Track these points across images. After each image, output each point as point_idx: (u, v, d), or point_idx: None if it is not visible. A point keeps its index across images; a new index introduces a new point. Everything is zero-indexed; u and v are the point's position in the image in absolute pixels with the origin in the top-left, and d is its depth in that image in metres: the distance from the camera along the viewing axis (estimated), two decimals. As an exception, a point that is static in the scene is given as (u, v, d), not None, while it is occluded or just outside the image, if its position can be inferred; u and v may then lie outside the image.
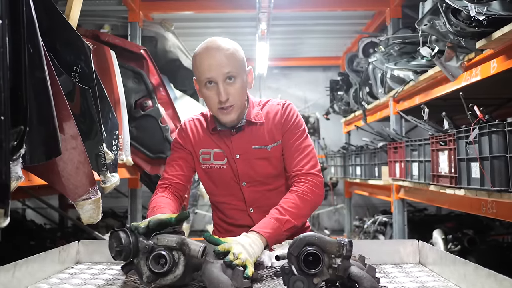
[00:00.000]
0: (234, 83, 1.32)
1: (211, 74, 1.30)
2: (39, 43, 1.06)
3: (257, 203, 1.42)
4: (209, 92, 1.32)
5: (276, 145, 1.40)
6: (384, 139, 3.43)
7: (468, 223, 3.38)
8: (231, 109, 1.33)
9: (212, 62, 1.30)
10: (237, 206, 1.44)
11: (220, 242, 1.11)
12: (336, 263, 0.98)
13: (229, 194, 1.44)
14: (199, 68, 1.33)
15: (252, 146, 1.40)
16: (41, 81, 1.05)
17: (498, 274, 0.88)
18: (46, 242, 3.53)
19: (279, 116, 1.41)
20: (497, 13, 1.52)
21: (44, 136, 1.08)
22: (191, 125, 1.47)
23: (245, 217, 1.44)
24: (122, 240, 1.00)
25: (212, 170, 1.42)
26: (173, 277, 1.00)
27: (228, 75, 1.30)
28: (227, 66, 1.30)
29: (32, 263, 1.08)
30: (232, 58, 1.31)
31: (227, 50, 1.32)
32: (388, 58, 2.94)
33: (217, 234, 1.51)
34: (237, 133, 1.40)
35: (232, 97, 1.31)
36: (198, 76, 1.34)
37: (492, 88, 2.68)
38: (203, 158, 1.43)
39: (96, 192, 1.30)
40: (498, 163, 1.68)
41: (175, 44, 3.69)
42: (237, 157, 1.40)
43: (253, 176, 1.41)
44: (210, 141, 1.43)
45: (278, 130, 1.40)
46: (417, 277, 1.15)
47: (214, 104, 1.33)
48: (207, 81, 1.31)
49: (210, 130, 1.43)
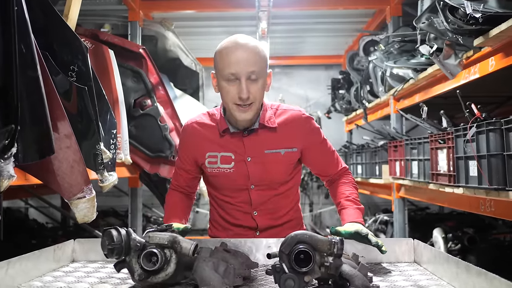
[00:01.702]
0: (256, 82, 1.31)
1: (236, 69, 1.28)
2: (31, 42, 1.07)
3: (262, 206, 1.43)
4: (230, 87, 1.31)
5: (291, 151, 1.40)
6: (385, 137, 3.42)
7: (470, 222, 3.36)
8: (249, 108, 1.32)
9: (239, 57, 1.29)
10: (242, 208, 1.43)
11: (348, 232, 1.23)
12: (327, 261, 0.98)
13: (234, 196, 1.43)
14: (224, 61, 1.30)
15: (265, 150, 1.39)
16: (34, 80, 1.06)
17: (488, 272, 0.88)
18: (47, 241, 3.54)
19: (300, 127, 1.41)
20: (494, 10, 1.51)
21: (37, 135, 1.08)
22: (195, 128, 1.44)
23: (248, 219, 1.44)
24: (114, 238, 1.00)
25: (219, 174, 1.40)
26: (165, 275, 1.01)
27: (252, 74, 1.30)
28: (253, 65, 1.29)
29: (26, 261, 1.08)
30: (258, 57, 1.31)
31: (255, 48, 1.31)
32: (388, 56, 2.93)
33: (213, 232, 1.51)
34: (249, 135, 1.39)
35: (252, 96, 1.31)
36: (220, 69, 1.32)
37: (492, 86, 2.67)
38: (209, 161, 1.41)
39: (90, 191, 1.31)
40: (495, 161, 1.67)
41: (175, 43, 3.70)
42: (249, 160, 1.39)
43: (263, 180, 1.40)
44: (217, 145, 1.40)
45: (297, 139, 1.40)
46: (410, 276, 1.15)
47: (232, 99, 1.31)
48: (230, 76, 1.30)
49: (221, 131, 1.40)
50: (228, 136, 1.40)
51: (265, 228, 1.43)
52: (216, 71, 1.36)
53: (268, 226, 1.43)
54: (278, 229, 1.43)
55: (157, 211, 5.10)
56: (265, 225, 1.43)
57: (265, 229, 1.43)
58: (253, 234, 1.43)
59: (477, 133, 1.78)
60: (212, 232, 1.52)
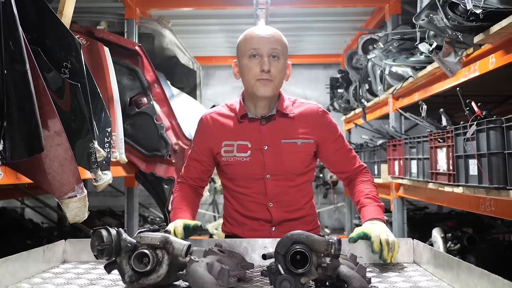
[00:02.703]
0: (278, 61, 1.36)
1: (259, 45, 1.35)
2: (19, 36, 1.03)
3: (277, 198, 1.42)
4: (251, 63, 1.36)
5: (307, 143, 1.42)
6: (383, 136, 3.39)
7: (469, 221, 3.34)
8: (270, 82, 1.36)
9: (261, 36, 1.37)
10: (257, 199, 1.43)
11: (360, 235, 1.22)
12: (325, 262, 0.95)
13: (250, 187, 1.42)
14: (247, 41, 1.38)
15: (282, 139, 1.40)
16: (22, 76, 1.02)
17: (491, 274, 0.85)
18: (43, 241, 3.51)
19: (317, 120, 1.44)
20: (495, 6, 1.48)
21: (26, 132, 1.05)
22: (213, 117, 1.46)
23: (263, 210, 1.43)
24: (104, 238, 0.97)
25: (234, 162, 1.41)
26: (157, 277, 0.97)
27: (274, 52, 1.36)
28: (275, 43, 1.36)
29: (13, 263, 1.05)
30: (280, 39, 1.39)
31: (277, 32, 1.40)
32: (387, 54, 2.90)
33: (228, 228, 1.50)
34: (267, 123, 1.41)
35: (273, 72, 1.35)
36: (243, 49, 1.38)
37: (492, 84, 2.64)
38: (226, 150, 1.42)
39: (82, 190, 1.27)
40: (496, 160, 1.64)
41: (173, 41, 3.66)
42: (265, 148, 1.40)
43: (278, 169, 1.40)
44: (234, 133, 1.42)
45: (313, 131, 1.43)
46: (410, 277, 1.12)
47: (254, 75, 1.36)
48: (252, 54, 1.36)
49: (239, 117, 1.42)
50: (245, 123, 1.42)
51: (280, 222, 1.43)
52: (238, 54, 1.41)
53: (283, 219, 1.43)
54: (293, 223, 1.43)
55: (154, 211, 5.07)
56: (280, 218, 1.43)
57: (280, 223, 1.43)
58: (269, 228, 1.43)
59: (477, 132, 1.76)
60: (226, 228, 1.51)
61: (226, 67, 6.15)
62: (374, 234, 1.21)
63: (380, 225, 1.28)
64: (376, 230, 1.23)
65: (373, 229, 1.24)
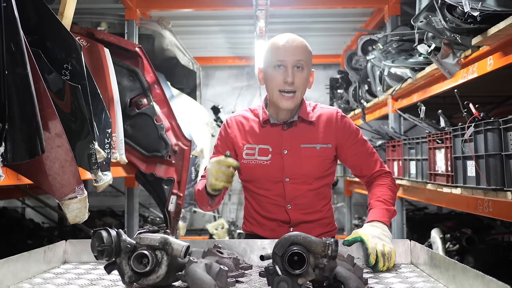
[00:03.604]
0: (301, 72, 1.40)
1: (284, 57, 1.39)
2: (20, 39, 1.05)
3: (296, 200, 1.45)
4: (276, 73, 1.40)
5: (326, 147, 1.45)
6: (383, 137, 3.40)
7: (468, 222, 3.34)
8: (292, 96, 1.39)
9: (287, 47, 1.40)
10: (276, 201, 1.46)
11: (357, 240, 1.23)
12: (322, 263, 0.97)
13: (269, 189, 1.46)
14: (272, 51, 1.42)
15: (301, 144, 1.44)
16: (23, 78, 1.04)
17: (485, 275, 0.86)
18: (43, 241, 3.52)
19: (335, 124, 1.47)
20: (492, 8, 1.49)
21: (27, 134, 1.06)
22: (237, 120, 1.51)
23: (282, 212, 1.46)
24: (104, 239, 0.98)
25: (255, 165, 1.45)
26: (156, 277, 0.99)
27: (298, 63, 1.40)
28: (300, 55, 1.40)
29: (15, 263, 1.06)
30: (305, 50, 1.42)
31: (302, 42, 1.44)
32: (386, 55, 2.91)
33: (248, 227, 1.53)
34: (288, 128, 1.45)
35: (297, 83, 1.39)
36: (269, 58, 1.42)
37: (491, 85, 2.65)
38: (247, 153, 1.46)
39: (82, 191, 1.29)
40: (493, 161, 1.65)
41: (173, 42, 3.68)
42: (285, 153, 1.43)
43: (297, 173, 1.43)
44: (257, 137, 1.47)
45: (332, 135, 1.46)
46: (407, 278, 1.13)
47: (277, 85, 1.40)
48: (277, 64, 1.40)
49: (262, 122, 1.47)
50: (267, 127, 1.47)
51: (297, 223, 1.45)
52: (264, 62, 1.45)
53: (301, 221, 1.46)
54: (310, 225, 1.45)
55: (154, 210, 5.08)
56: (298, 219, 1.46)
57: (297, 224, 1.45)
58: (287, 229, 1.45)
59: (475, 133, 1.77)
60: (247, 227, 1.54)
61: (226, 68, 6.16)
62: (370, 243, 1.20)
63: (380, 229, 1.27)
64: (373, 238, 1.22)
65: (370, 235, 1.23)
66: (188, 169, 2.78)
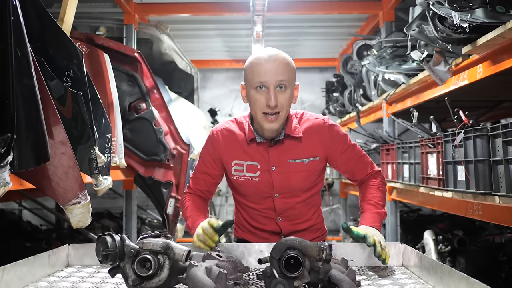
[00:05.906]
0: (284, 92, 1.34)
1: (265, 78, 1.33)
2: (27, 50, 1.09)
3: (286, 213, 1.47)
4: (258, 96, 1.34)
5: (314, 160, 1.43)
6: (377, 141, 3.46)
7: (461, 223, 3.40)
8: (276, 117, 1.35)
9: (268, 67, 1.33)
10: (266, 213, 1.47)
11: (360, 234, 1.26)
12: (317, 266, 1.02)
13: (259, 203, 1.47)
14: (253, 71, 1.35)
15: (288, 159, 1.42)
16: (29, 88, 1.08)
17: (470, 277, 0.91)
18: (41, 244, 3.54)
19: (324, 136, 1.44)
20: (481, 20, 1.55)
21: (33, 142, 1.10)
22: (223, 134, 1.47)
23: (272, 224, 1.48)
24: (108, 244, 1.03)
25: (244, 182, 1.44)
26: (158, 281, 1.03)
27: (281, 83, 1.33)
28: (282, 75, 1.33)
29: (21, 267, 1.10)
30: (287, 68, 1.35)
31: (284, 59, 1.36)
32: (380, 61, 2.96)
33: (240, 234, 1.54)
34: (275, 145, 1.42)
35: (280, 105, 1.34)
36: (250, 79, 1.36)
37: (484, 90, 2.71)
38: (236, 169, 1.44)
39: (85, 197, 1.33)
40: (482, 166, 1.71)
41: (171, 47, 3.72)
42: (273, 169, 1.42)
43: (286, 188, 1.43)
44: (244, 153, 1.43)
45: (320, 147, 1.43)
46: (398, 280, 1.18)
47: (261, 108, 1.35)
48: (259, 85, 1.34)
49: (248, 141, 1.43)
50: (254, 145, 1.43)
51: (289, 233, 1.47)
52: (245, 81, 1.39)
53: (292, 231, 1.47)
54: (301, 233, 1.47)
55: (152, 213, 5.10)
56: (289, 230, 1.48)
57: (288, 234, 1.47)
58: (278, 238, 1.45)
59: (465, 139, 1.82)
60: (238, 233, 1.56)
61: (223, 70, 6.20)
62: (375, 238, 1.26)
63: (374, 231, 1.33)
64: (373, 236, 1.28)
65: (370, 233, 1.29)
66: (186, 172, 2.82)
